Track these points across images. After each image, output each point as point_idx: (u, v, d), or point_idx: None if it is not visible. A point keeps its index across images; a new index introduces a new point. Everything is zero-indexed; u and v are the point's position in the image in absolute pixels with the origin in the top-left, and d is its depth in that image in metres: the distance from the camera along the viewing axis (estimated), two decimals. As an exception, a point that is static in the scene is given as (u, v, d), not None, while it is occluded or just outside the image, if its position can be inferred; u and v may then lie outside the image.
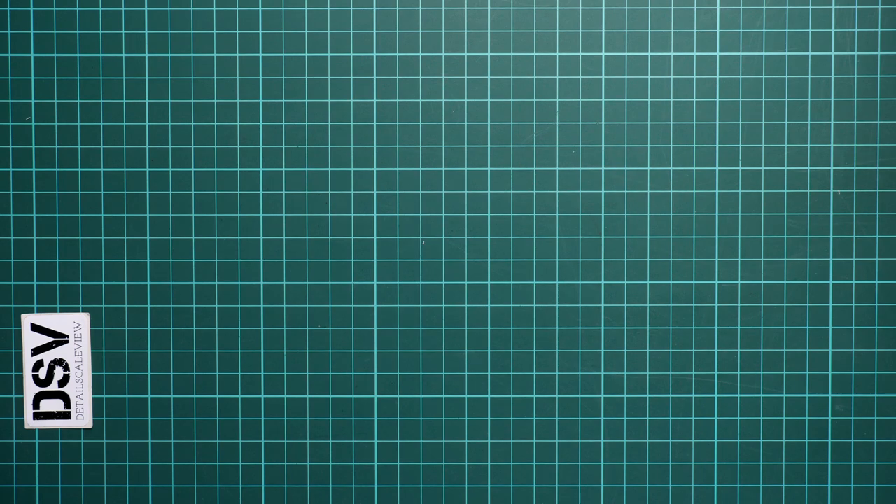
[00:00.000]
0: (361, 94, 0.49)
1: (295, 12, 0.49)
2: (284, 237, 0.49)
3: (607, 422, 0.49)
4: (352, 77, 0.49)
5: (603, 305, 0.49)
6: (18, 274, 0.49)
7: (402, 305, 0.49)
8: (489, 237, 0.49)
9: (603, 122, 0.49)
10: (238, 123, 0.49)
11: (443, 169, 0.49)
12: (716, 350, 0.49)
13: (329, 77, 0.49)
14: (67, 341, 0.49)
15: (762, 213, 0.49)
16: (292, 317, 0.49)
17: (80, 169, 0.49)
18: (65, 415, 0.49)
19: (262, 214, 0.49)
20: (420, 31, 0.49)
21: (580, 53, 0.48)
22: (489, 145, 0.49)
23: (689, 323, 0.49)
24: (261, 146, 0.49)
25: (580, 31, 0.48)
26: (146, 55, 0.49)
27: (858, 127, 0.49)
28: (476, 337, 0.49)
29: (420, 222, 0.49)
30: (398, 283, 0.49)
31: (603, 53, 0.49)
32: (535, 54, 0.49)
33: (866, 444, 0.49)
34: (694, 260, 0.49)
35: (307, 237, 0.49)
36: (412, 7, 0.49)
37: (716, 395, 0.49)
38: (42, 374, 0.49)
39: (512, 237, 0.49)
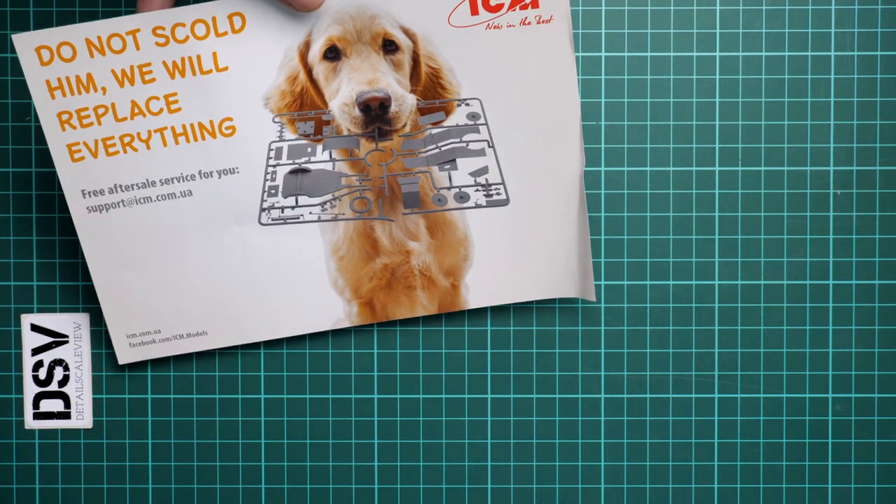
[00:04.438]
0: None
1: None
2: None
3: (607, 422, 0.49)
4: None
5: (603, 305, 0.49)
6: (18, 274, 0.49)
7: (402, 305, 0.49)
8: (489, 237, 0.49)
9: (603, 122, 0.49)
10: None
11: (443, 169, 0.49)
12: (716, 350, 0.49)
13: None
14: (67, 341, 0.49)
15: (762, 213, 0.49)
16: (292, 317, 0.49)
17: (80, 169, 0.49)
18: (65, 415, 0.49)
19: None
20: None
21: (580, 53, 0.48)
22: (489, 145, 0.49)
23: (689, 323, 0.49)
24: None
25: (580, 31, 0.49)
26: (146, 55, 0.49)
27: (858, 127, 0.49)
28: (476, 336, 0.49)
29: (420, 222, 0.49)
30: (398, 283, 0.49)
31: (603, 53, 0.49)
32: (535, 54, 0.49)
33: (866, 444, 0.49)
34: (694, 260, 0.49)
35: (307, 237, 0.49)
36: (412, 7, 0.49)
37: (716, 395, 0.49)
38: (42, 374, 0.49)
39: (512, 237, 0.49)
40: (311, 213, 0.46)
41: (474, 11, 0.43)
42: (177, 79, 0.43)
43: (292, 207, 0.46)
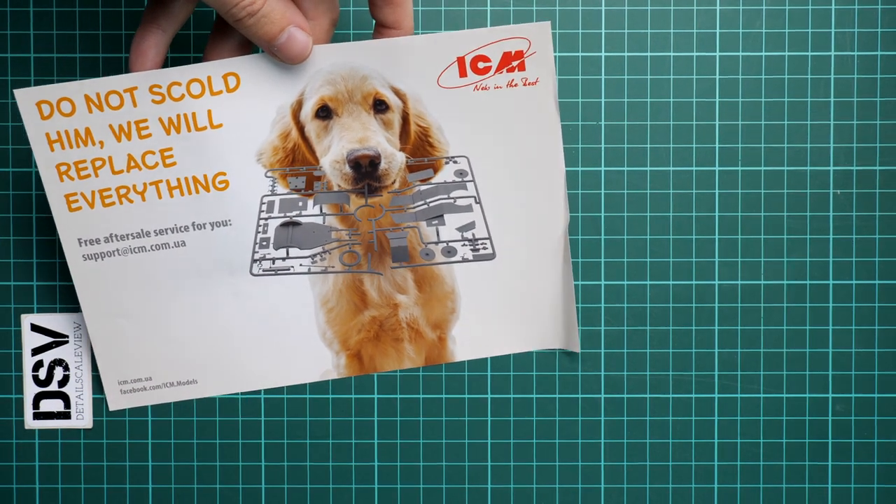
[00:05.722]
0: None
1: (295, 12, 0.49)
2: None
3: (607, 422, 0.49)
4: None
5: (603, 305, 0.49)
6: (18, 274, 0.49)
7: (402, 305, 0.49)
8: (489, 237, 0.49)
9: (603, 122, 0.49)
10: (238, 123, 0.49)
11: (443, 169, 0.49)
12: (716, 350, 0.49)
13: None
14: (67, 341, 0.49)
15: (762, 213, 0.49)
16: (292, 317, 0.49)
17: (80, 169, 0.49)
18: (65, 415, 0.49)
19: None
20: (421, 32, 0.49)
21: (580, 53, 0.48)
22: (489, 145, 0.49)
23: (689, 323, 0.49)
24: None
25: (580, 31, 0.48)
26: (146, 55, 0.49)
27: (858, 127, 0.49)
28: (476, 337, 0.49)
29: (420, 222, 0.49)
30: (398, 283, 0.49)
31: (603, 53, 0.49)
32: (535, 54, 0.49)
33: (866, 444, 0.49)
34: (694, 260, 0.49)
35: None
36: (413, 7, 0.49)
37: (716, 395, 0.49)
38: (42, 374, 0.49)
39: (512, 237, 0.49)
40: (301, 264, 0.47)
41: (463, 74, 0.44)
42: (172, 134, 0.44)
43: (283, 259, 0.47)
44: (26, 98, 0.42)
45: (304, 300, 0.47)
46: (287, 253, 0.47)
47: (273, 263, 0.46)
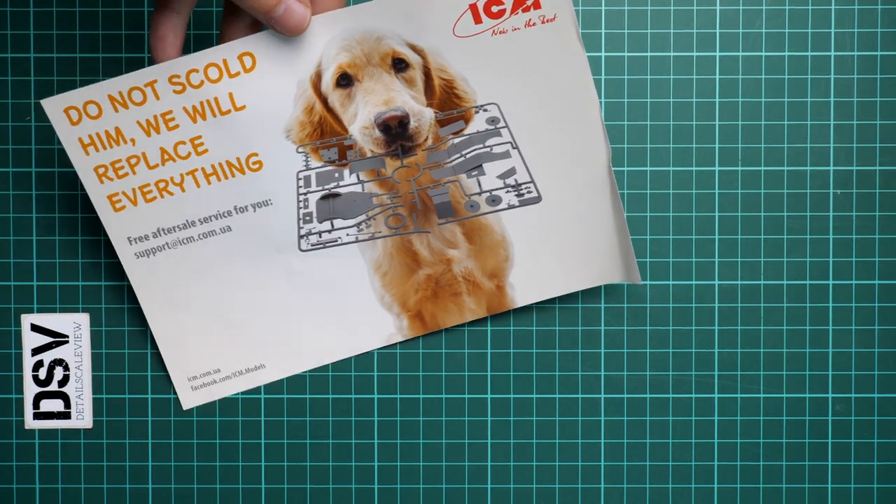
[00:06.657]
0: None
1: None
2: (284, 237, 0.49)
3: (607, 422, 0.49)
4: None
5: (603, 305, 0.49)
6: (18, 274, 0.49)
7: (402, 305, 0.49)
8: (489, 237, 0.49)
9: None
10: (238, 123, 0.49)
11: (443, 169, 0.49)
12: (716, 350, 0.49)
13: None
14: (67, 341, 0.49)
15: (762, 213, 0.49)
16: (292, 317, 0.49)
17: (80, 169, 0.49)
18: (65, 415, 0.49)
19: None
20: (420, 32, 0.49)
21: (580, 53, 0.48)
22: (489, 145, 0.49)
23: (689, 323, 0.49)
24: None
25: (580, 31, 0.48)
26: (146, 55, 0.49)
27: (858, 127, 0.49)
28: (476, 337, 0.49)
29: (420, 222, 0.49)
30: (398, 283, 0.49)
31: (603, 53, 0.49)
32: (535, 54, 0.49)
33: (866, 444, 0.49)
34: (694, 260, 0.49)
35: (307, 237, 0.49)
36: (412, 7, 0.49)
37: (716, 395, 0.49)
38: (42, 374, 0.49)
39: (512, 237, 0.49)
40: (348, 234, 0.47)
41: (477, 20, 0.44)
42: (199, 122, 0.44)
43: (329, 231, 0.47)
44: (54, 107, 0.43)
45: (357, 268, 0.48)
46: (332, 225, 0.47)
47: (320, 237, 0.47)
